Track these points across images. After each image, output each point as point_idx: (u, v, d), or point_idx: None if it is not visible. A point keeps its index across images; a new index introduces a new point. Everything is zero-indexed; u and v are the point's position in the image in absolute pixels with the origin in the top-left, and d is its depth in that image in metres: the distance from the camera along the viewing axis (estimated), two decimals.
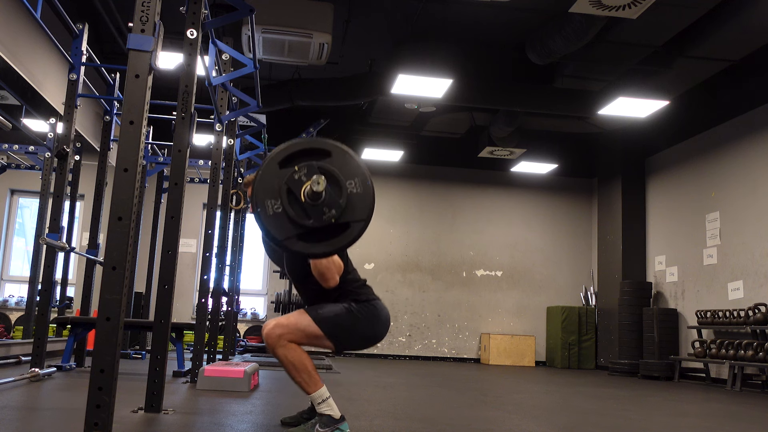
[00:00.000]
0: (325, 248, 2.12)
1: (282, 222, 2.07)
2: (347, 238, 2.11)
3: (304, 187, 2.06)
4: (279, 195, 2.07)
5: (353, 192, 2.11)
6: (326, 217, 2.06)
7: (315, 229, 2.08)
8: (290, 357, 2.46)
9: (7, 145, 7.13)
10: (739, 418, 4.33)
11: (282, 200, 2.06)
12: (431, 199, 10.89)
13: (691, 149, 8.67)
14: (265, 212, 2.07)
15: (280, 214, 2.07)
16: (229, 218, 6.22)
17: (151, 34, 2.36)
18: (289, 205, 2.06)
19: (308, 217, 2.06)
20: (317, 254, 2.16)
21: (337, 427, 2.46)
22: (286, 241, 2.08)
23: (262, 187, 2.07)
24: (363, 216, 2.11)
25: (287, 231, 2.08)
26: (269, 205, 2.07)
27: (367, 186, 2.12)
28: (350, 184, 2.10)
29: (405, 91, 7.51)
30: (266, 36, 6.38)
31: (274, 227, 2.07)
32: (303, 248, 2.10)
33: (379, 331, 2.64)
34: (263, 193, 2.07)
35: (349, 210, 2.10)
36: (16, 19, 5.09)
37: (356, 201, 2.10)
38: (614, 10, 5.57)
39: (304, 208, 2.06)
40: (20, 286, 9.74)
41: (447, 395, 4.87)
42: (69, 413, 2.92)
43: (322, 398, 2.49)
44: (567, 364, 9.87)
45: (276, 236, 2.08)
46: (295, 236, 2.08)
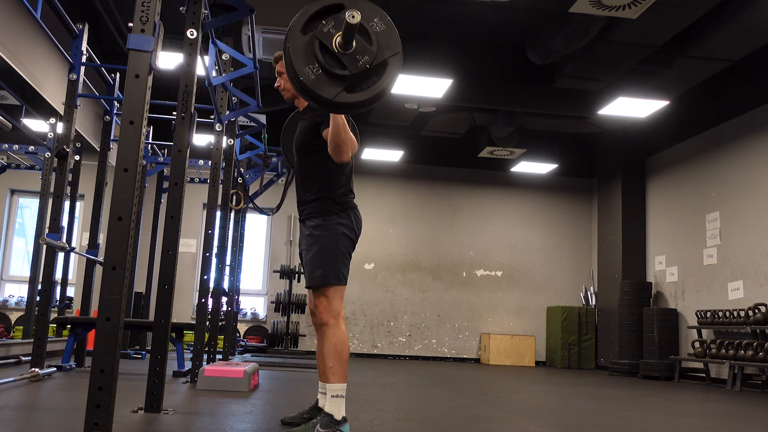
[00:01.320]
0: (375, 90, 2.11)
1: (325, 81, 2.08)
2: (390, 75, 2.12)
3: (335, 39, 2.07)
4: (314, 55, 2.07)
5: (378, 31, 2.12)
6: (360, 63, 2.08)
7: (357, 78, 2.09)
8: (338, 338, 2.50)
9: (7, 145, 7.13)
10: (739, 418, 4.33)
11: (318, 59, 2.06)
12: (431, 199, 10.89)
13: (691, 149, 8.67)
14: (308, 79, 2.07)
15: (321, 75, 2.07)
16: (229, 218, 6.22)
17: (151, 34, 2.36)
18: (324, 59, 2.06)
19: (344, 67, 2.07)
20: (370, 99, 2.14)
21: (338, 428, 2.46)
22: (338, 97, 2.08)
23: (295, 57, 2.07)
24: (396, 48, 2.13)
25: (334, 88, 2.08)
26: (308, 71, 2.07)
27: (387, 21, 2.14)
28: (372, 25, 2.12)
29: (405, 91, 7.51)
30: (266, 36, 6.38)
31: (321, 89, 2.08)
32: (353, 98, 2.11)
33: (356, 236, 2.70)
34: (299, 62, 2.07)
35: (382, 49, 2.11)
36: (16, 19, 5.09)
37: (384, 38, 2.12)
38: (614, 10, 5.58)
39: (338, 59, 2.07)
40: (20, 286, 9.74)
41: (447, 395, 4.87)
42: (69, 413, 2.92)
43: (337, 393, 2.48)
44: (567, 364, 9.87)
45: (326, 96, 2.08)
46: (344, 90, 2.09)
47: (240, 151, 6.70)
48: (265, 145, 7.25)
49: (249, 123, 8.35)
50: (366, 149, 9.80)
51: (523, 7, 6.52)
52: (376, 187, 10.62)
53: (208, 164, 7.27)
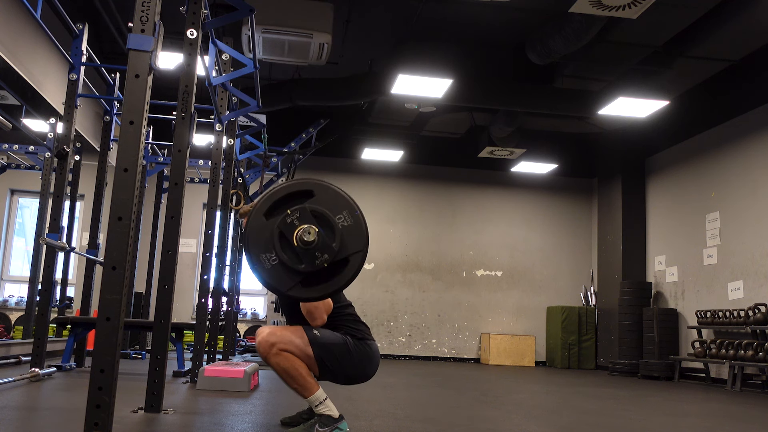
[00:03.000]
0: (328, 289, 2.12)
1: (281, 273, 2.07)
2: (349, 273, 2.11)
3: (296, 232, 2.05)
4: (272, 245, 2.05)
5: (344, 226, 2.10)
6: (318, 262, 2.06)
7: (314, 274, 2.07)
8: (283, 365, 2.46)
9: (7, 145, 7.13)
10: (739, 418, 4.33)
11: (276, 249, 2.05)
12: (431, 199, 10.89)
13: (691, 149, 8.67)
14: (263, 267, 2.07)
15: (277, 265, 2.06)
16: (229, 218, 6.22)
17: (151, 34, 2.36)
18: (282, 251, 2.05)
19: (300, 262, 2.06)
20: (322, 296, 2.16)
21: (337, 426, 2.47)
22: (291, 291, 2.09)
23: (253, 242, 2.06)
24: (359, 246, 2.11)
25: (288, 281, 2.08)
26: (265, 259, 2.07)
27: (356, 216, 2.12)
28: (339, 219, 2.10)
29: (405, 91, 7.51)
30: (266, 36, 6.38)
31: (274, 280, 2.08)
32: (307, 294, 2.11)
33: (369, 372, 2.65)
34: (256, 249, 2.06)
35: (344, 246, 2.09)
36: (16, 19, 5.09)
37: (349, 234, 2.10)
38: (614, 10, 5.58)
39: (296, 252, 2.06)
40: (20, 286, 9.74)
41: (447, 395, 4.87)
42: (69, 413, 2.92)
43: (319, 400, 2.49)
44: (567, 364, 9.87)
45: (279, 288, 2.10)
46: (299, 284, 2.08)
47: (240, 151, 6.70)
48: (265, 145, 7.26)
49: (249, 123, 8.34)
50: (366, 149, 9.80)
51: (523, 7, 6.52)
52: (376, 187, 10.62)
53: (208, 164, 7.27)
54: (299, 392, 2.50)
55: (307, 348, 2.49)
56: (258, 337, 2.50)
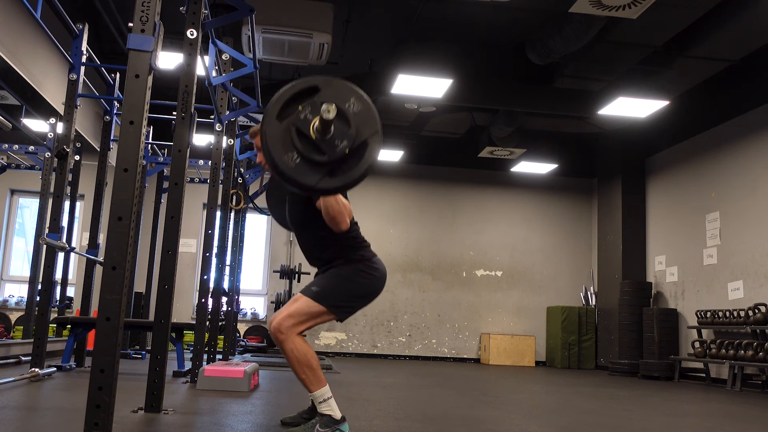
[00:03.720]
0: (355, 174, 2.10)
1: (306, 169, 2.06)
2: (370, 155, 2.11)
3: (312, 125, 2.05)
4: (292, 143, 2.06)
5: (355, 112, 2.11)
6: (339, 149, 2.06)
7: (336, 163, 2.08)
8: (297, 352, 2.47)
9: (7, 145, 7.13)
10: (739, 418, 4.33)
11: (296, 145, 2.05)
12: (431, 199, 10.89)
13: (691, 149, 8.67)
14: (288, 167, 2.06)
15: (301, 162, 2.06)
16: (229, 218, 6.22)
17: (151, 34, 2.36)
18: (302, 146, 2.05)
19: (322, 153, 2.06)
20: (351, 182, 2.14)
21: (338, 427, 2.46)
22: (320, 183, 2.07)
23: (273, 146, 2.06)
24: (374, 128, 2.12)
25: (315, 175, 2.07)
26: (287, 159, 2.06)
27: (364, 100, 2.13)
28: (349, 106, 2.10)
29: (405, 91, 7.51)
30: (266, 36, 6.38)
31: (302, 177, 2.06)
32: (336, 183, 2.10)
33: (377, 287, 2.68)
34: (278, 152, 2.06)
35: (360, 131, 2.10)
36: (16, 19, 5.09)
37: (362, 117, 2.11)
38: (614, 10, 5.57)
39: (316, 145, 2.06)
40: (20, 286, 9.74)
41: (447, 395, 4.87)
42: (69, 413, 2.92)
43: (323, 398, 2.49)
44: (567, 364, 9.87)
45: (308, 183, 2.07)
46: (326, 175, 2.08)
47: (240, 151, 6.70)
48: None
49: (249, 123, 8.35)
50: None
51: (523, 7, 6.52)
52: (376, 187, 10.62)
53: (208, 164, 7.27)
54: (306, 384, 2.50)
55: (316, 306, 2.52)
56: (274, 322, 2.51)
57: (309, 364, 2.48)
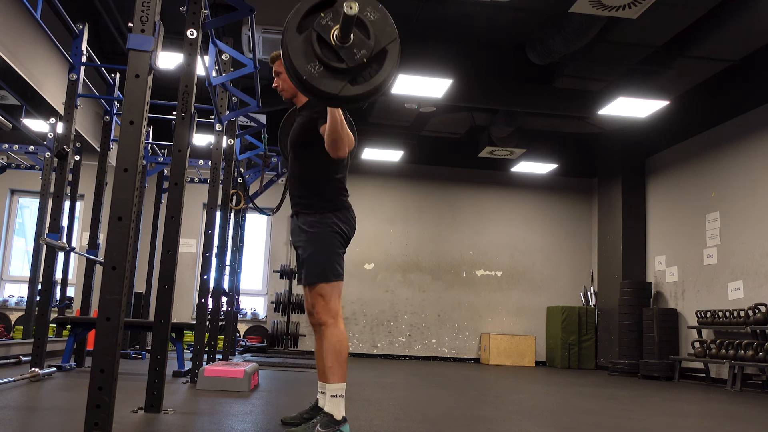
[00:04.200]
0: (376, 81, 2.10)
1: (329, 77, 2.07)
2: (391, 62, 2.11)
3: (333, 32, 2.06)
4: (313, 52, 2.06)
5: (372, 20, 2.11)
6: (358, 57, 2.06)
7: (359, 69, 2.08)
8: (338, 337, 2.51)
9: (7, 145, 7.13)
10: (739, 418, 4.33)
11: (317, 55, 2.05)
12: (431, 199, 10.89)
13: (691, 149, 8.67)
14: (311, 76, 2.06)
15: (323, 71, 2.06)
16: (229, 218, 6.22)
17: (151, 34, 2.36)
18: (323, 54, 2.05)
19: (341, 60, 2.06)
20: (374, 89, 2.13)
21: (338, 428, 2.46)
22: (343, 91, 2.07)
23: (295, 56, 2.06)
24: (393, 35, 2.12)
25: (338, 83, 2.07)
26: (310, 68, 2.06)
27: (380, 8, 2.14)
28: (366, 14, 2.11)
29: (405, 91, 7.51)
30: (266, 36, 6.38)
31: (325, 85, 2.06)
32: (359, 90, 2.09)
33: (350, 235, 2.71)
34: (300, 61, 2.06)
35: (379, 39, 2.10)
36: (16, 19, 5.09)
37: (380, 26, 2.12)
38: (614, 10, 5.58)
39: (335, 51, 2.06)
40: (20, 286, 9.74)
41: (447, 395, 4.87)
42: (69, 413, 2.92)
43: (336, 393, 2.49)
44: (567, 364, 9.87)
45: (332, 91, 2.07)
46: (347, 83, 2.08)
47: (240, 151, 6.70)
48: (265, 145, 7.25)
49: (249, 123, 8.35)
50: (366, 149, 9.80)
51: (523, 7, 6.52)
52: (376, 187, 10.62)
53: (208, 164, 7.27)
54: (328, 373, 2.49)
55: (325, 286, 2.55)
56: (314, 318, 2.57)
57: (342, 355, 2.50)
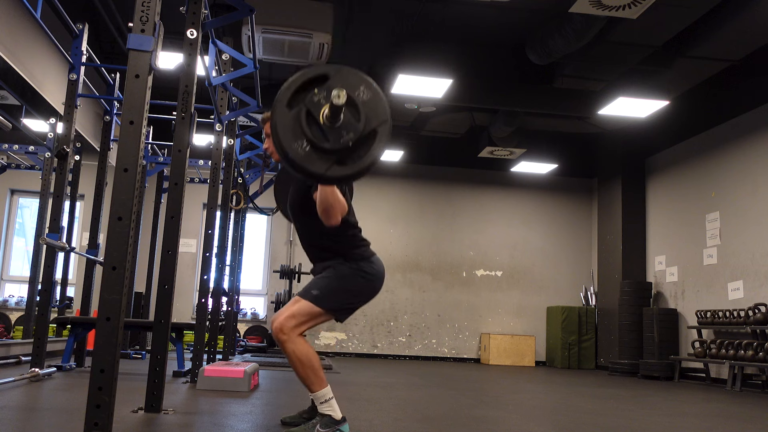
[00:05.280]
0: (364, 163, 2.09)
1: (315, 157, 2.06)
2: (380, 144, 2.09)
3: (323, 111, 2.05)
4: (301, 130, 2.05)
5: (365, 100, 2.10)
6: (344, 140, 2.05)
7: (348, 150, 2.07)
8: (299, 352, 2.48)
9: (7, 145, 7.13)
10: (739, 418, 4.33)
11: (304, 129, 2.04)
12: (431, 199, 10.89)
13: (691, 149, 8.67)
14: (298, 155, 2.05)
15: (310, 150, 2.05)
16: (229, 218, 6.22)
17: (151, 34, 2.36)
18: (312, 133, 2.05)
19: (326, 140, 2.05)
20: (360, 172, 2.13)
21: (338, 428, 2.46)
22: (329, 171, 2.06)
23: (283, 133, 2.06)
24: (384, 116, 2.10)
25: (324, 163, 2.06)
26: (297, 147, 2.05)
27: (374, 88, 2.12)
28: (358, 94, 2.10)
29: (405, 91, 7.51)
30: (266, 36, 6.38)
31: (311, 165, 2.06)
32: (344, 171, 2.09)
33: (376, 287, 2.70)
34: (287, 139, 2.05)
35: (369, 120, 2.09)
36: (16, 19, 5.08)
37: (371, 106, 2.10)
38: (614, 10, 5.57)
39: (322, 130, 2.05)
40: (20, 286, 9.74)
41: (447, 395, 4.87)
42: (69, 413, 2.92)
43: (324, 398, 2.49)
44: (567, 364, 9.87)
45: (317, 172, 2.06)
46: (334, 164, 2.07)
47: (240, 151, 6.70)
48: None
49: (249, 123, 8.36)
50: None
51: (523, 7, 6.52)
52: (376, 187, 10.62)
53: (208, 164, 7.27)
54: (307, 384, 2.50)
55: (315, 309, 2.53)
56: (275, 323, 2.51)
57: (311, 364, 2.48)
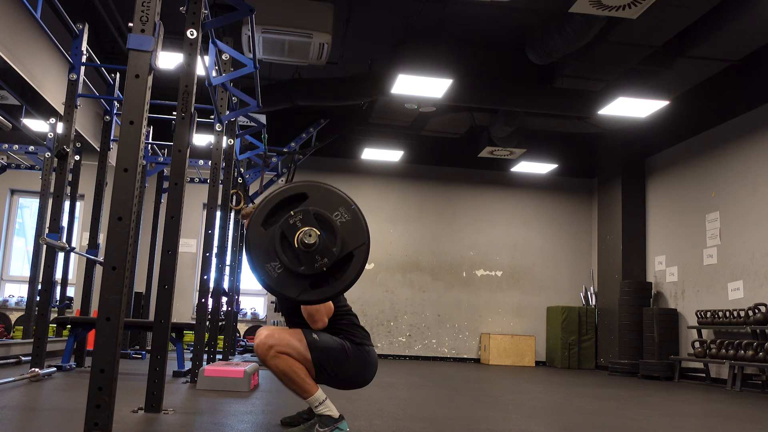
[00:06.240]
0: (336, 288, 2.11)
1: (287, 280, 2.06)
2: (355, 268, 2.10)
3: (298, 234, 2.05)
4: (274, 251, 2.05)
5: (343, 222, 2.10)
6: (318, 265, 2.05)
7: (321, 275, 2.07)
8: (281, 367, 2.46)
9: (7, 145, 7.13)
10: (739, 418, 4.33)
11: (277, 252, 2.04)
12: (431, 199, 10.89)
13: (691, 149, 8.67)
14: (269, 277, 2.06)
15: (282, 273, 2.06)
16: (229, 218, 6.22)
17: (151, 34, 2.36)
18: (283, 252, 2.04)
19: (300, 264, 2.05)
20: (332, 296, 2.15)
21: (337, 426, 2.47)
22: (300, 296, 2.08)
23: (255, 253, 2.06)
24: (362, 240, 2.11)
25: (296, 287, 2.06)
26: (270, 269, 2.06)
27: (353, 210, 2.12)
28: (337, 216, 2.10)
29: (405, 91, 7.51)
30: (266, 36, 6.38)
31: (283, 288, 2.07)
32: (317, 296, 2.10)
33: (367, 377, 2.65)
34: (259, 259, 2.06)
35: (346, 243, 2.09)
36: (16, 19, 5.08)
37: (349, 229, 2.10)
38: (614, 10, 5.57)
39: (296, 254, 2.05)
40: (20, 286, 9.74)
41: (447, 395, 4.87)
42: (69, 413, 2.92)
43: (318, 401, 2.49)
44: (567, 364, 9.87)
45: (288, 295, 2.08)
46: (307, 287, 2.07)
47: (240, 151, 6.70)
48: (265, 145, 7.25)
49: (249, 123, 8.35)
50: (366, 149, 9.81)
51: (523, 7, 6.52)
52: (376, 187, 10.63)
53: (208, 164, 7.27)
54: (298, 394, 2.50)
55: (306, 352, 2.48)
56: (256, 339, 2.50)
57: (295, 374, 2.46)
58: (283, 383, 2.50)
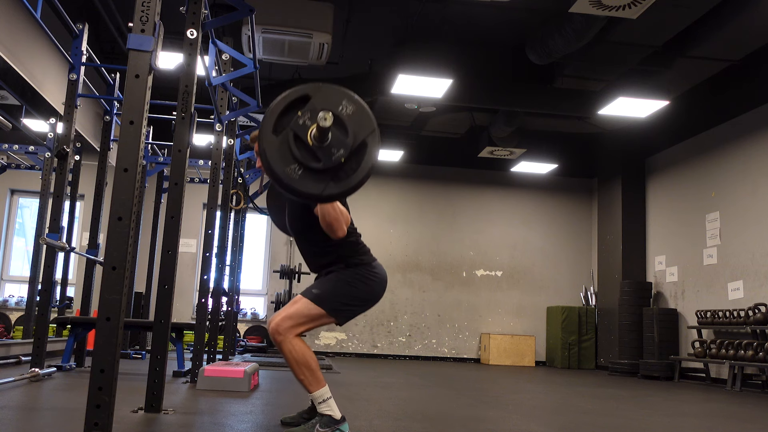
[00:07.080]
0: (360, 174, 2.09)
1: (310, 178, 2.06)
2: (372, 153, 2.10)
3: (310, 132, 2.05)
4: (291, 154, 2.05)
5: (348, 114, 2.10)
6: (335, 157, 2.05)
7: (337, 168, 2.07)
8: (295, 353, 2.48)
9: (7, 145, 7.12)
10: (739, 418, 4.33)
11: (296, 157, 2.04)
12: (431, 199, 10.89)
13: (691, 149, 8.67)
14: (292, 179, 2.05)
15: (303, 173, 2.05)
16: (229, 218, 6.22)
17: (151, 34, 2.36)
18: (302, 156, 2.05)
19: (317, 160, 2.05)
20: (358, 184, 2.12)
21: (338, 427, 2.46)
22: (326, 191, 2.06)
23: (273, 160, 2.05)
24: (371, 126, 2.11)
25: (321, 183, 2.06)
26: (291, 172, 2.05)
27: (356, 100, 2.12)
28: (341, 109, 2.10)
29: (405, 91, 7.51)
30: (266, 36, 6.38)
31: (307, 187, 2.06)
32: (342, 187, 2.09)
33: (377, 292, 2.69)
34: (279, 165, 2.05)
35: (357, 133, 2.09)
36: (16, 19, 5.08)
37: (357, 119, 2.11)
38: (614, 10, 5.57)
39: (312, 151, 2.06)
40: (20, 286, 9.74)
41: (447, 395, 4.87)
42: (69, 413, 2.92)
43: (323, 398, 2.49)
44: (567, 364, 9.87)
45: (314, 193, 2.06)
46: (330, 182, 2.07)
47: (240, 151, 6.69)
48: None
49: (249, 123, 8.36)
50: None
51: (523, 7, 6.52)
52: (376, 187, 10.62)
53: (208, 164, 7.27)
54: (305, 385, 2.50)
55: (316, 308, 2.52)
56: (272, 324, 2.51)
57: (308, 365, 2.48)
58: (293, 371, 2.50)
